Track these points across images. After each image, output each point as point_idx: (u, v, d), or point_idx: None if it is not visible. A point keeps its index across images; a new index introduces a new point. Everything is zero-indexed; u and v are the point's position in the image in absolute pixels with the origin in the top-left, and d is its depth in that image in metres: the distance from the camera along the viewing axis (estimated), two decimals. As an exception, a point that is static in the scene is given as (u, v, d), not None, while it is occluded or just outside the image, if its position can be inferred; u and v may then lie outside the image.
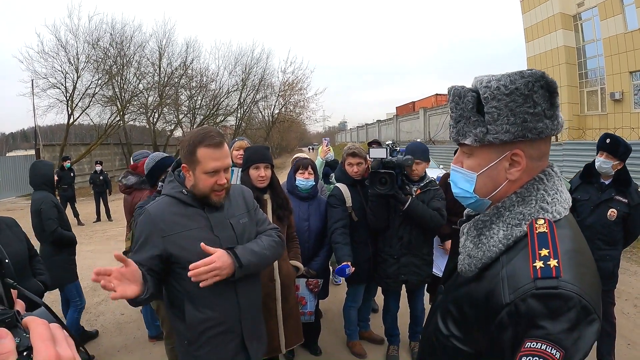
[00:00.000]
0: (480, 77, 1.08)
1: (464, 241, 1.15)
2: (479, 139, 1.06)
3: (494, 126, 1.03)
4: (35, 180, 4.01)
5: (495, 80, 1.03)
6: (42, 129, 24.96)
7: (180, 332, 1.94)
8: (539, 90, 0.99)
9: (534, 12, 23.43)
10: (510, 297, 0.91)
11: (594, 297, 0.90)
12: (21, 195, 19.27)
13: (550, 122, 1.02)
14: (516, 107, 1.00)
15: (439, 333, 1.16)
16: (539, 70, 1.01)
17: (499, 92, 1.01)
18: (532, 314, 0.87)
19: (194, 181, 1.87)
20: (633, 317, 4.68)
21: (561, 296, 0.86)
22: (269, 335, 2.79)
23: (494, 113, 1.02)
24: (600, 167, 3.36)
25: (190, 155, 1.83)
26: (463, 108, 1.09)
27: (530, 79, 0.99)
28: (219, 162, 1.83)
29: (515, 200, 1.05)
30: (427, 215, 3.31)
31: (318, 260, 3.49)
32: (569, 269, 0.90)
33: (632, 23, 18.38)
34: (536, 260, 0.91)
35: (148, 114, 27.01)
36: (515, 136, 1.02)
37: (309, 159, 3.57)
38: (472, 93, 1.08)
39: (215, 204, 1.92)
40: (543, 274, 0.89)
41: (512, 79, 1.01)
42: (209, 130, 1.88)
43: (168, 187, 1.98)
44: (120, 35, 24.66)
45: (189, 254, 1.80)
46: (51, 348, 0.58)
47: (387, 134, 40.53)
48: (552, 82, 1.00)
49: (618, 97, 19.08)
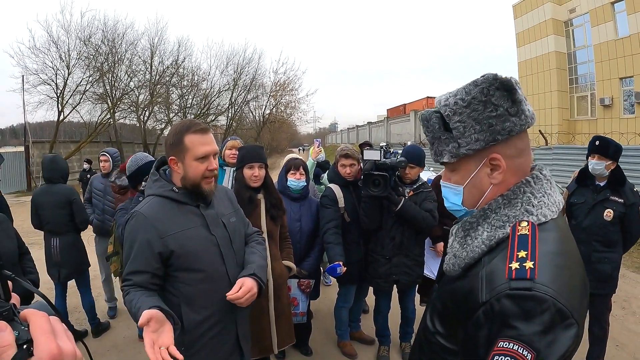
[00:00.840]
0: (439, 97, 1.11)
1: (451, 242, 1.18)
2: (454, 154, 1.09)
3: (463, 139, 1.06)
4: (55, 174, 4.16)
5: (452, 97, 1.06)
6: (32, 125, 24.70)
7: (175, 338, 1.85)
8: (496, 92, 1.01)
9: (526, 18, 23.64)
10: (487, 296, 0.93)
11: (573, 301, 0.90)
12: (10, 192, 18.87)
13: (516, 118, 1.03)
14: (478, 115, 1.03)
15: (427, 330, 1.19)
16: (491, 73, 1.03)
17: (457, 106, 1.04)
18: (506, 314, 0.88)
19: (184, 171, 1.84)
20: (621, 319, 4.73)
21: (534, 298, 0.86)
22: (261, 335, 2.80)
23: (460, 127, 1.05)
24: (594, 170, 3.36)
25: (178, 145, 1.81)
26: (432, 130, 1.13)
27: (484, 85, 1.02)
28: (208, 147, 1.83)
29: (501, 203, 1.07)
30: (419, 217, 3.33)
31: (309, 261, 3.49)
32: (546, 272, 0.90)
33: (622, 30, 18.63)
34: (513, 261, 0.92)
35: (139, 112, 26.81)
36: (486, 142, 1.04)
37: (300, 160, 3.56)
38: (436, 114, 1.11)
39: (207, 194, 1.89)
40: (517, 275, 0.89)
41: (467, 90, 1.04)
42: (193, 120, 1.90)
43: (154, 186, 1.90)
44: (112, 33, 24.49)
45: (190, 254, 1.80)
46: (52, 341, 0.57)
47: (377, 135, 40.52)
48: (507, 81, 1.01)
49: (608, 103, 19.31)
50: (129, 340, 4.36)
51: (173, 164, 1.86)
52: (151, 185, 1.92)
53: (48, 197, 4.11)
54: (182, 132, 1.81)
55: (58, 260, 4.15)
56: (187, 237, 1.82)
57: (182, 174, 1.85)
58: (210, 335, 1.89)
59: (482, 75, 1.03)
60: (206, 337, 1.88)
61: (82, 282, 4.43)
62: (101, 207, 4.76)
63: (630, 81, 18.65)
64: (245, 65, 30.10)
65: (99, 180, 4.85)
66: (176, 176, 1.89)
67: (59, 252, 4.15)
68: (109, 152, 4.96)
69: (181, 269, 1.81)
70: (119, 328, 4.65)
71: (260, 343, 2.79)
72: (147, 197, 1.91)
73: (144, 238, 1.77)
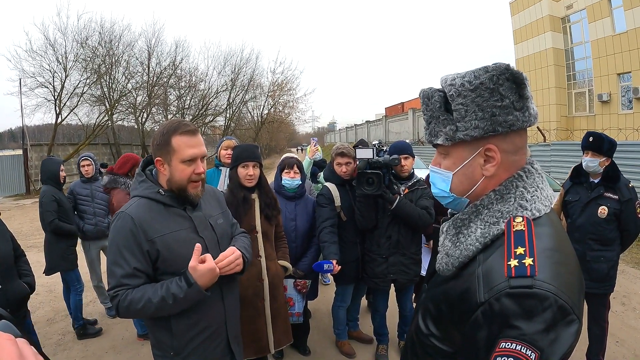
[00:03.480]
0: (446, 75, 1.08)
1: (443, 240, 1.14)
2: (450, 137, 1.06)
3: (462, 123, 1.03)
4: (43, 176, 4.48)
5: (459, 78, 1.03)
6: (30, 128, 24.66)
7: (164, 343, 1.81)
8: (505, 83, 0.99)
9: (523, 14, 23.69)
10: (485, 295, 0.90)
11: (573, 296, 0.87)
12: (9, 195, 18.94)
13: (520, 114, 1.01)
14: (483, 101, 1.00)
15: (419, 331, 1.15)
16: (504, 62, 1.00)
17: (463, 88, 1.01)
18: (507, 314, 0.85)
19: (170, 174, 1.78)
20: (621, 315, 4.73)
21: (536, 296, 0.84)
22: (258, 335, 2.79)
23: (461, 110, 1.02)
24: (588, 167, 3.33)
25: (164, 146, 1.75)
26: (432, 108, 1.09)
27: (494, 73, 0.99)
28: (195, 149, 1.77)
29: (493, 198, 1.04)
30: (415, 214, 3.32)
31: (305, 261, 3.47)
32: (546, 268, 0.88)
33: (620, 26, 18.66)
34: (511, 258, 0.90)
35: (137, 113, 26.71)
36: (485, 131, 1.01)
37: (294, 158, 3.56)
38: (439, 93, 1.08)
39: (192, 198, 1.83)
40: (517, 272, 0.87)
41: (477, 74, 1.01)
42: (181, 120, 1.84)
43: (140, 187, 1.83)
44: (109, 34, 24.34)
45: (178, 257, 1.74)
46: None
47: (376, 134, 40.58)
48: (518, 74, 0.99)
49: (606, 99, 19.35)
50: (127, 342, 4.34)
51: (159, 165, 1.81)
52: (137, 186, 1.85)
53: (39, 197, 4.43)
54: (169, 132, 1.75)
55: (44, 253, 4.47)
56: (175, 239, 1.77)
57: (167, 176, 1.80)
58: (201, 339, 1.85)
59: (494, 63, 1.01)
60: (196, 341, 1.83)
61: (68, 281, 4.51)
62: (92, 212, 4.76)
63: (628, 77, 18.70)
64: (242, 66, 30.08)
65: (81, 187, 4.83)
66: (162, 177, 1.83)
67: (44, 246, 4.47)
68: (90, 156, 4.94)
69: (168, 272, 1.75)
70: (117, 330, 4.64)
71: (257, 343, 2.78)
72: (132, 197, 1.84)
73: (132, 238, 1.70)
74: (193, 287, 1.66)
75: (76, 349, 4.23)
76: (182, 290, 1.65)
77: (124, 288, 1.68)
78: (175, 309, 1.70)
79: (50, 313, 5.12)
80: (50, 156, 4.82)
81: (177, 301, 1.66)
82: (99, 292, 4.95)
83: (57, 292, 4.49)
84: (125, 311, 1.69)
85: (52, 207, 4.29)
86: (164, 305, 1.65)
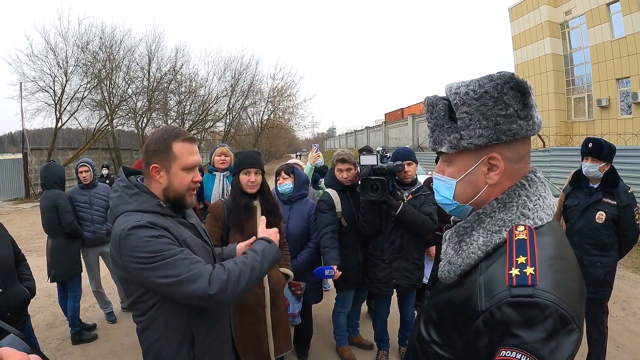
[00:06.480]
0: (451, 84, 1.08)
1: (445, 248, 1.14)
2: (454, 145, 1.06)
3: (467, 131, 1.03)
4: (49, 180, 4.41)
5: (464, 86, 1.03)
6: (30, 132, 24.67)
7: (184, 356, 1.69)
8: (509, 92, 0.99)
9: (522, 20, 23.77)
10: (486, 304, 0.90)
11: (574, 305, 0.87)
12: (8, 199, 18.93)
13: (524, 122, 1.01)
14: (487, 110, 1.00)
15: (421, 338, 1.15)
16: (509, 71, 1.01)
17: (468, 97, 1.01)
18: (507, 322, 0.85)
19: (168, 181, 1.69)
20: (622, 320, 4.73)
21: (537, 305, 0.84)
22: (258, 342, 2.78)
23: (466, 118, 1.02)
24: (588, 172, 3.34)
25: (164, 152, 1.66)
26: (436, 117, 1.10)
27: (498, 82, 0.99)
28: (197, 157, 1.74)
29: (496, 207, 1.04)
30: (418, 220, 3.33)
31: (295, 263, 3.44)
32: (547, 277, 0.88)
33: (618, 31, 18.74)
34: (512, 267, 0.90)
35: (137, 118, 26.76)
36: (489, 140, 1.01)
37: (285, 165, 3.66)
38: (444, 101, 1.08)
39: (189, 206, 1.78)
40: (518, 281, 0.87)
41: (481, 83, 1.01)
42: (178, 127, 1.82)
43: (136, 202, 1.64)
44: (109, 39, 24.47)
45: None
46: None
47: (375, 140, 40.51)
48: (522, 83, 0.99)
49: (605, 104, 19.39)
50: (126, 347, 4.33)
51: (154, 172, 1.68)
52: (128, 200, 1.65)
53: (44, 201, 4.39)
54: (169, 138, 1.67)
55: (49, 260, 4.41)
56: (194, 243, 1.71)
57: (164, 185, 1.70)
58: (217, 344, 1.80)
59: (499, 72, 1.01)
60: (213, 347, 1.78)
61: (70, 286, 4.50)
62: (90, 219, 4.70)
63: (627, 82, 18.74)
64: (242, 72, 30.26)
65: (79, 193, 4.74)
66: (156, 186, 1.71)
67: (49, 253, 4.40)
68: (88, 162, 4.84)
69: None
70: (117, 335, 4.63)
71: (258, 350, 2.77)
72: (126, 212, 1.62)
73: (172, 240, 1.59)
74: (272, 244, 1.82)
75: (76, 354, 4.22)
76: (263, 246, 1.79)
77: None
78: (264, 268, 1.74)
79: (49, 317, 5.12)
80: (52, 160, 4.79)
81: (265, 254, 1.75)
82: (98, 297, 4.95)
83: (57, 297, 4.49)
84: (236, 283, 1.60)
85: (70, 208, 4.39)
86: (255, 265, 1.69)
